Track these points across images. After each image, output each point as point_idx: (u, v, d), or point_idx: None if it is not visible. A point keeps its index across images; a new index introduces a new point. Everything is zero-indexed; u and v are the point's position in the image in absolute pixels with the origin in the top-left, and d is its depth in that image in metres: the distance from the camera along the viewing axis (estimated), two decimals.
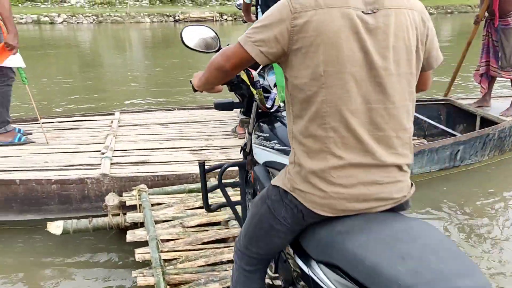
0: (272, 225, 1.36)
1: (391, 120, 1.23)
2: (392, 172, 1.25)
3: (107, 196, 2.79)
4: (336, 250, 1.17)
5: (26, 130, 3.91)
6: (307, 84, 1.21)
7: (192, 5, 25.14)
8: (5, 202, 2.90)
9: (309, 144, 1.24)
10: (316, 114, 1.22)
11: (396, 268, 1.00)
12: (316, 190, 1.23)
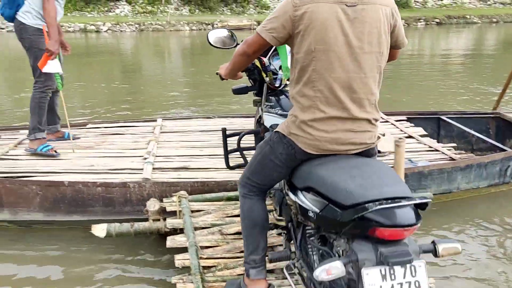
0: (271, 160, 1.86)
1: (363, 86, 1.70)
2: (362, 124, 1.74)
3: (149, 202, 2.86)
4: (312, 176, 1.68)
5: (75, 135, 4.07)
6: (302, 57, 1.69)
7: (230, 13, 25.49)
8: (54, 203, 3.03)
9: (302, 101, 1.74)
10: (308, 80, 1.70)
11: (348, 183, 1.51)
12: (306, 134, 1.74)
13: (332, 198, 1.53)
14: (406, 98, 7.51)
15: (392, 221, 1.39)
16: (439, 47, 15.94)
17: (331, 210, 1.53)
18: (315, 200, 1.63)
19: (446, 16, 25.15)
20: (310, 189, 1.67)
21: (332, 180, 1.56)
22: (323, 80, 1.68)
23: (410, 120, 4.71)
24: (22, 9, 3.36)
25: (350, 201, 1.46)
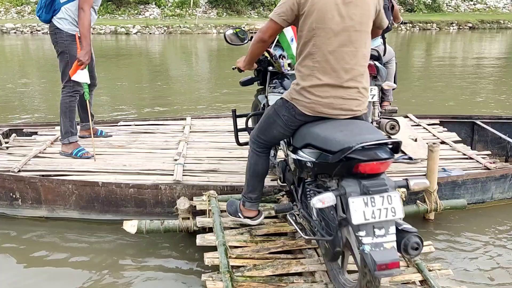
0: (275, 120, 2.27)
1: (354, 59, 2.07)
2: (352, 92, 2.09)
3: (179, 200, 2.88)
4: (308, 135, 2.09)
5: (107, 132, 4.14)
6: (305, 34, 2.09)
7: (257, 16, 25.55)
8: (88, 201, 3.11)
9: (303, 71, 2.12)
10: (308, 53, 2.09)
11: (336, 135, 1.92)
12: (305, 98, 2.12)
13: (324, 148, 1.96)
14: (440, 101, 7.35)
15: (371, 157, 1.79)
16: (472, 51, 15.54)
17: (324, 156, 1.95)
18: (312, 152, 2.07)
19: (479, 21, 24.51)
20: (308, 145, 2.11)
21: (324, 134, 2.00)
22: (321, 52, 2.06)
23: (443, 124, 4.60)
24: (58, 14, 3.42)
25: (338, 147, 1.86)
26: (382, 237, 1.76)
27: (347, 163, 1.81)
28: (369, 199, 1.77)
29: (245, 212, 2.62)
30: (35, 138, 4.10)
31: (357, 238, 1.78)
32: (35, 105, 7.00)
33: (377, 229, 1.77)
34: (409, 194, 3.10)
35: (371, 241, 1.76)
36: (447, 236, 3.09)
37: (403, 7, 27.06)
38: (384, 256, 1.72)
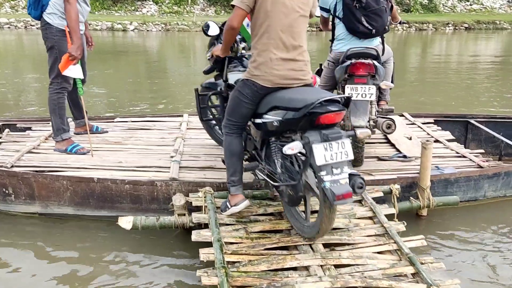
0: (241, 100, 2.61)
1: (299, 37, 2.53)
2: (301, 65, 2.56)
3: (174, 196, 2.90)
4: (273, 100, 2.50)
5: (103, 128, 4.14)
6: (261, 17, 2.47)
7: None
8: (84, 198, 3.11)
9: (259, 47, 2.51)
10: (264, 32, 2.48)
11: (298, 96, 2.37)
12: (263, 73, 2.50)
13: (290, 107, 2.38)
14: (434, 100, 7.40)
15: (328, 110, 2.25)
16: (468, 51, 15.62)
17: (290, 114, 2.38)
18: (278, 112, 2.47)
19: (475, 21, 24.60)
20: (274, 108, 2.50)
21: (288, 97, 2.45)
22: (275, 31, 2.48)
23: (438, 122, 4.64)
24: (47, 9, 3.39)
25: (303, 104, 2.30)
26: (338, 175, 2.24)
27: (309, 117, 2.28)
28: (328, 145, 2.24)
29: (232, 201, 2.78)
30: (28, 133, 4.09)
31: (319, 177, 2.25)
32: (29, 100, 6.97)
33: (335, 168, 2.24)
34: (402, 191, 3.14)
35: (330, 179, 2.23)
36: (439, 232, 3.14)
37: (400, 7, 27.11)
38: (341, 189, 2.20)
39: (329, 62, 3.69)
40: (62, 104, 3.57)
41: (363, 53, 3.35)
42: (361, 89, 3.29)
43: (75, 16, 3.30)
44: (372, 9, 3.36)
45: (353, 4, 3.35)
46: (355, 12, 3.36)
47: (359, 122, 3.26)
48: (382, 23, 3.41)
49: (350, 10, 3.38)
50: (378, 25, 3.39)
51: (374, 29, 3.39)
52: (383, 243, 2.58)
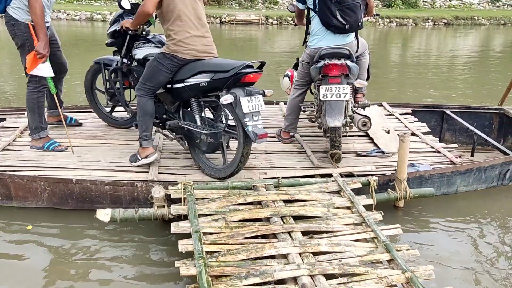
0: (160, 69, 3.15)
1: (203, 17, 3.16)
2: (209, 40, 3.19)
3: (154, 188, 2.89)
4: (198, 66, 3.09)
5: (77, 120, 4.03)
6: (171, 4, 3.04)
7: (238, 7, 25.41)
8: (62, 198, 3.07)
9: (175, 29, 3.06)
10: (176, 16, 3.05)
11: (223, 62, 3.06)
12: (182, 48, 3.08)
13: (218, 70, 3.02)
14: (413, 92, 7.52)
15: (250, 71, 2.96)
16: (446, 46, 15.89)
17: (218, 75, 2.99)
18: (206, 75, 3.06)
19: (454, 17, 25.02)
20: (200, 72, 3.08)
21: (214, 62, 3.10)
22: (184, 15, 3.06)
23: (415, 113, 4.73)
24: (12, 3, 3.21)
25: (230, 67, 2.97)
26: (257, 121, 2.97)
27: (236, 77, 2.94)
28: (250, 99, 2.95)
29: (142, 153, 3.30)
30: (2, 125, 4.00)
31: (243, 123, 2.94)
32: (4, 90, 6.80)
33: (255, 116, 2.96)
34: (380, 187, 3.20)
35: (252, 124, 2.94)
36: (415, 222, 3.21)
37: (381, 2, 27.35)
38: (260, 131, 2.95)
39: (303, 61, 3.72)
40: (41, 103, 3.46)
41: (336, 53, 3.39)
42: (335, 89, 3.33)
43: (40, 11, 3.12)
44: (347, 4, 3.39)
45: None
46: (330, 6, 3.39)
47: (334, 123, 3.28)
48: (356, 18, 3.44)
49: (325, 4, 3.41)
50: (352, 20, 3.43)
51: (347, 24, 3.42)
52: (361, 232, 2.63)
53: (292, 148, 3.84)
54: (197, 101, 3.23)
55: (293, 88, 3.91)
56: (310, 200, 2.92)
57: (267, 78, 8.60)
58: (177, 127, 3.35)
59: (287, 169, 3.45)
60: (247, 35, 17.87)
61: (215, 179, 3.19)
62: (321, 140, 4.01)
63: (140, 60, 3.50)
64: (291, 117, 3.90)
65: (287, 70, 4.46)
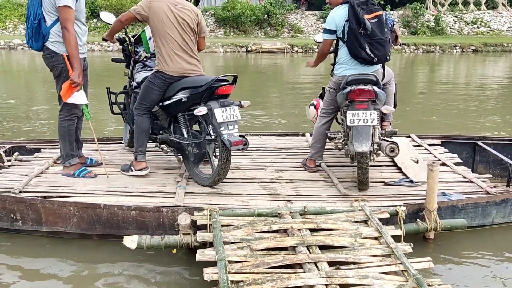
0: (152, 88, 3.52)
1: (192, 47, 3.54)
2: (195, 61, 3.56)
3: (180, 215, 2.90)
4: (180, 84, 3.48)
5: (97, 160, 3.95)
6: (160, 29, 3.45)
7: (264, 36, 25.88)
8: (90, 223, 3.12)
9: (164, 50, 3.45)
10: (165, 39, 3.44)
11: (200, 78, 3.47)
12: (170, 67, 3.46)
13: (194, 85, 3.38)
14: (442, 122, 7.39)
15: (222, 84, 3.32)
16: (476, 73, 15.64)
17: (195, 90, 3.36)
18: (185, 91, 3.42)
19: (483, 44, 24.70)
20: (181, 89, 3.44)
21: (192, 80, 3.45)
22: (174, 39, 3.44)
23: (445, 144, 4.62)
24: (51, 38, 3.36)
25: (204, 82, 3.33)
26: (232, 130, 3.26)
27: (210, 90, 3.29)
28: (224, 109, 3.25)
29: (136, 166, 3.65)
30: (37, 155, 4.13)
31: (219, 132, 3.23)
32: (40, 121, 7.07)
33: (229, 125, 3.25)
34: (409, 217, 3.12)
35: (227, 132, 3.23)
36: (447, 255, 3.09)
37: (407, 29, 27.34)
38: (235, 138, 3.21)
39: (330, 88, 3.74)
40: (72, 131, 3.58)
41: (363, 79, 3.39)
42: (362, 115, 3.32)
43: (74, 42, 3.30)
44: (377, 38, 3.40)
45: (358, 30, 3.39)
46: (360, 38, 3.41)
47: (362, 148, 3.26)
48: (385, 52, 3.46)
49: (355, 36, 3.42)
50: (381, 54, 3.44)
51: (376, 57, 3.44)
52: (389, 264, 2.56)
53: (318, 177, 3.82)
54: (182, 116, 3.57)
55: (320, 116, 3.92)
56: (337, 229, 2.87)
57: (293, 106, 8.68)
58: (169, 141, 3.66)
59: (313, 197, 3.42)
60: (272, 63, 18.10)
61: (242, 206, 3.18)
62: (348, 169, 3.97)
63: (139, 83, 3.83)
64: (317, 145, 3.89)
65: (312, 99, 4.48)
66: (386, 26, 3.48)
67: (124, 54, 4.16)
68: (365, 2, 3.45)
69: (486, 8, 29.59)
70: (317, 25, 26.65)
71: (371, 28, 3.38)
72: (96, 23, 23.17)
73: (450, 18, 28.59)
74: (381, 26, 3.43)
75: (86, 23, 3.61)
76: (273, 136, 4.89)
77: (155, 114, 3.68)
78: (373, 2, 3.49)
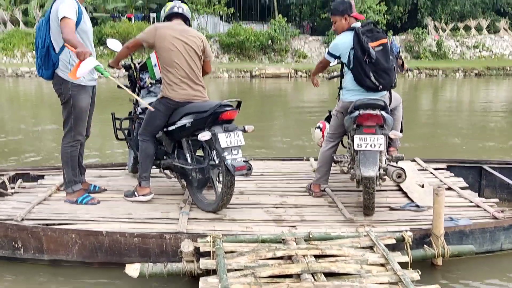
0: (156, 114, 3.51)
1: (196, 68, 3.54)
2: (200, 87, 3.57)
3: (183, 242, 2.86)
4: (185, 109, 3.48)
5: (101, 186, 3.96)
6: (167, 56, 3.47)
7: (268, 62, 26.19)
8: (92, 251, 3.07)
9: (170, 76, 3.48)
10: (172, 66, 3.46)
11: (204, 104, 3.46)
12: (176, 93, 3.48)
13: (199, 111, 3.38)
14: (446, 145, 7.35)
15: (226, 109, 3.30)
16: (480, 96, 15.68)
17: (199, 116, 3.36)
18: (190, 116, 3.42)
19: (486, 68, 24.84)
20: (186, 115, 3.44)
21: (196, 105, 3.46)
22: (179, 65, 3.46)
23: (450, 168, 4.58)
24: (60, 66, 3.38)
25: (208, 107, 3.33)
26: (236, 155, 3.23)
27: (214, 115, 3.29)
28: (227, 134, 3.24)
29: (140, 191, 3.63)
30: (41, 182, 4.13)
31: (223, 157, 3.20)
32: (44, 148, 7.08)
33: (233, 150, 3.23)
34: (416, 243, 3.07)
35: (230, 157, 3.20)
36: (455, 282, 3.03)
37: (410, 54, 27.61)
38: (238, 164, 3.19)
39: (337, 111, 3.75)
40: (74, 157, 3.59)
41: (371, 104, 3.40)
42: (370, 139, 3.31)
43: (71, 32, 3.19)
44: (382, 67, 3.42)
45: (363, 59, 3.42)
46: (365, 67, 3.43)
47: (368, 172, 3.24)
48: (390, 80, 3.48)
49: (360, 64, 3.45)
50: (385, 82, 3.46)
51: (381, 85, 3.46)
52: None
53: (323, 202, 3.78)
54: (186, 141, 3.56)
55: (325, 140, 3.92)
56: (342, 256, 2.82)
57: (298, 130, 8.69)
58: (173, 166, 3.67)
59: (318, 222, 3.38)
60: (277, 88, 18.26)
61: (245, 233, 3.14)
62: (353, 194, 3.93)
63: (144, 109, 3.81)
64: (323, 169, 3.87)
65: (318, 122, 4.49)
66: (391, 54, 3.50)
67: (129, 81, 4.21)
68: (370, 30, 3.48)
69: (487, 33, 29.88)
70: (321, 50, 26.97)
71: (376, 56, 3.40)
72: (103, 50, 23.56)
73: (452, 43, 28.88)
74: (386, 54, 3.45)
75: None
76: (277, 161, 4.88)
77: (159, 139, 3.68)
78: (378, 30, 3.52)
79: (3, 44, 24.68)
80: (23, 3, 28.96)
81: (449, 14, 30.49)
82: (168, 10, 3.60)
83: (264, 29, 27.99)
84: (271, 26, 27.09)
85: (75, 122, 3.50)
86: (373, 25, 3.54)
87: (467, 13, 30.68)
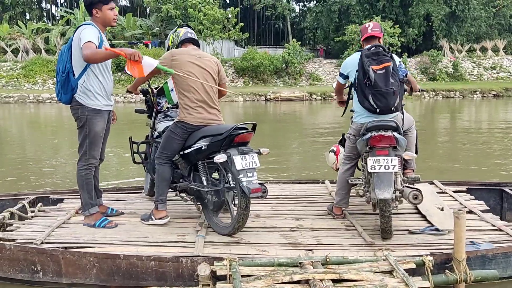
0: (172, 137, 3.57)
1: (211, 92, 3.61)
2: (215, 111, 3.62)
3: (199, 266, 2.85)
4: (201, 132, 3.51)
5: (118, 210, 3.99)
6: (183, 81, 3.54)
7: (283, 85, 26.41)
8: (109, 274, 3.07)
9: (187, 101, 3.54)
10: (188, 90, 3.54)
11: (220, 127, 3.47)
12: (192, 117, 3.52)
13: (215, 133, 3.41)
14: (466, 167, 7.22)
15: (241, 132, 3.33)
16: (498, 118, 15.45)
17: (215, 138, 3.39)
18: (206, 139, 3.45)
19: (504, 89, 24.58)
20: (202, 137, 3.48)
21: (212, 129, 3.48)
22: (195, 90, 3.52)
23: (470, 191, 4.49)
24: (78, 91, 3.46)
25: (223, 130, 3.37)
26: (251, 177, 3.25)
27: (230, 138, 3.32)
28: (244, 157, 3.27)
29: (157, 215, 3.65)
30: (60, 206, 4.17)
31: (238, 180, 3.22)
32: (64, 172, 7.19)
33: (248, 172, 3.25)
34: (437, 268, 2.99)
35: (246, 180, 3.22)
36: None
37: (425, 76, 27.53)
38: (254, 186, 3.20)
39: (350, 134, 3.76)
40: (89, 180, 3.64)
41: (383, 125, 3.39)
42: (383, 161, 3.29)
43: (97, 54, 3.26)
44: (379, 90, 3.42)
45: (363, 81, 3.46)
46: (364, 89, 3.47)
47: (384, 195, 3.20)
48: (387, 104, 3.45)
49: (360, 85, 3.51)
50: (383, 105, 3.45)
51: (378, 108, 3.45)
52: None
53: (340, 225, 3.73)
54: (202, 164, 3.58)
55: (342, 162, 3.91)
56: (361, 280, 2.77)
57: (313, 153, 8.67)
58: (189, 189, 3.69)
59: (335, 246, 3.33)
60: (291, 111, 18.34)
61: (262, 256, 3.11)
62: (370, 217, 3.88)
63: (160, 132, 3.90)
64: (341, 192, 3.85)
65: (332, 146, 4.48)
66: (394, 77, 3.48)
67: (146, 105, 4.29)
68: (377, 53, 3.50)
69: (504, 54, 29.68)
70: (335, 73, 27.13)
71: (374, 79, 3.42)
72: (120, 76, 24.12)
73: (468, 64, 28.75)
74: (387, 77, 3.44)
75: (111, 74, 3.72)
76: (293, 184, 4.85)
77: (176, 162, 3.69)
78: (385, 54, 3.51)
79: (25, 71, 25.53)
80: (45, 32, 30.04)
81: (464, 35, 30.48)
82: (182, 36, 3.70)
83: (278, 53, 28.36)
84: (285, 50, 27.43)
85: (89, 146, 3.56)
86: (381, 48, 3.56)
87: (483, 35, 30.64)
